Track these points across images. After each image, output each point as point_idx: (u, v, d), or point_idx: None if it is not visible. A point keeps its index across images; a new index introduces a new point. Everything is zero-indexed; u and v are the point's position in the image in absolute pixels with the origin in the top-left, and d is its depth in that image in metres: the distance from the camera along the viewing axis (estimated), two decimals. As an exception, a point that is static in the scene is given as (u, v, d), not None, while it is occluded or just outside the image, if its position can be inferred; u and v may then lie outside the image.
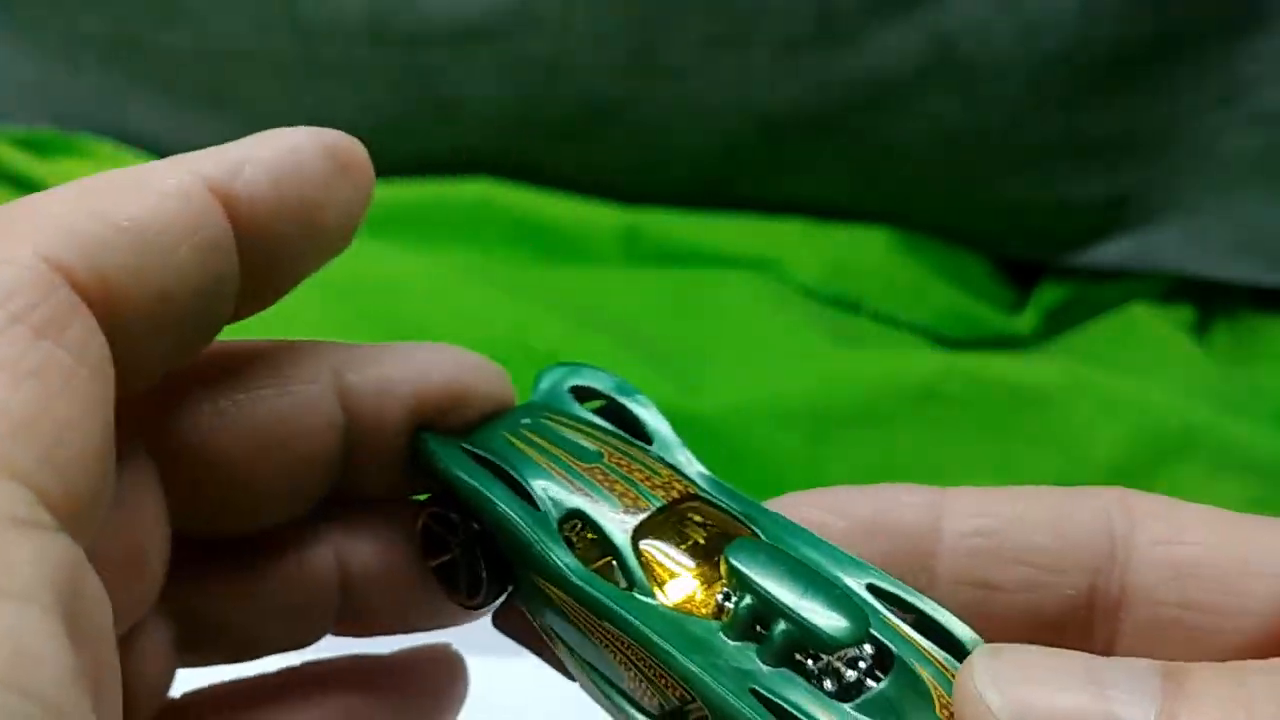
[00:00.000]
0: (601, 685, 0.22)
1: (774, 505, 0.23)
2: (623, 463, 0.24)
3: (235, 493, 0.23)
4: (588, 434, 0.25)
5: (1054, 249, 0.73)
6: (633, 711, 0.22)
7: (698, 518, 0.23)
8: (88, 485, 0.18)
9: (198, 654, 0.25)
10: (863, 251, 0.70)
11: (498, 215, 0.70)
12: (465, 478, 0.23)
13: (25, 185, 0.69)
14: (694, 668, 0.20)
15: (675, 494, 0.23)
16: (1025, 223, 0.72)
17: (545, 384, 0.26)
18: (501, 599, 0.24)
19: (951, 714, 0.20)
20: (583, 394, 0.26)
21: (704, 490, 0.24)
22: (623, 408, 0.26)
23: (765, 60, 0.68)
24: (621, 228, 0.70)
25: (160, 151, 0.73)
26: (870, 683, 0.20)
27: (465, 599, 0.24)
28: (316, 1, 0.69)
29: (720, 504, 0.24)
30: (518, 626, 0.24)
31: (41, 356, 0.17)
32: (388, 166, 0.79)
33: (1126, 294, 0.71)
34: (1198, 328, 0.70)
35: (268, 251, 0.21)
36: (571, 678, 0.24)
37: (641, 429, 0.25)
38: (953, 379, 0.61)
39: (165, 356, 0.21)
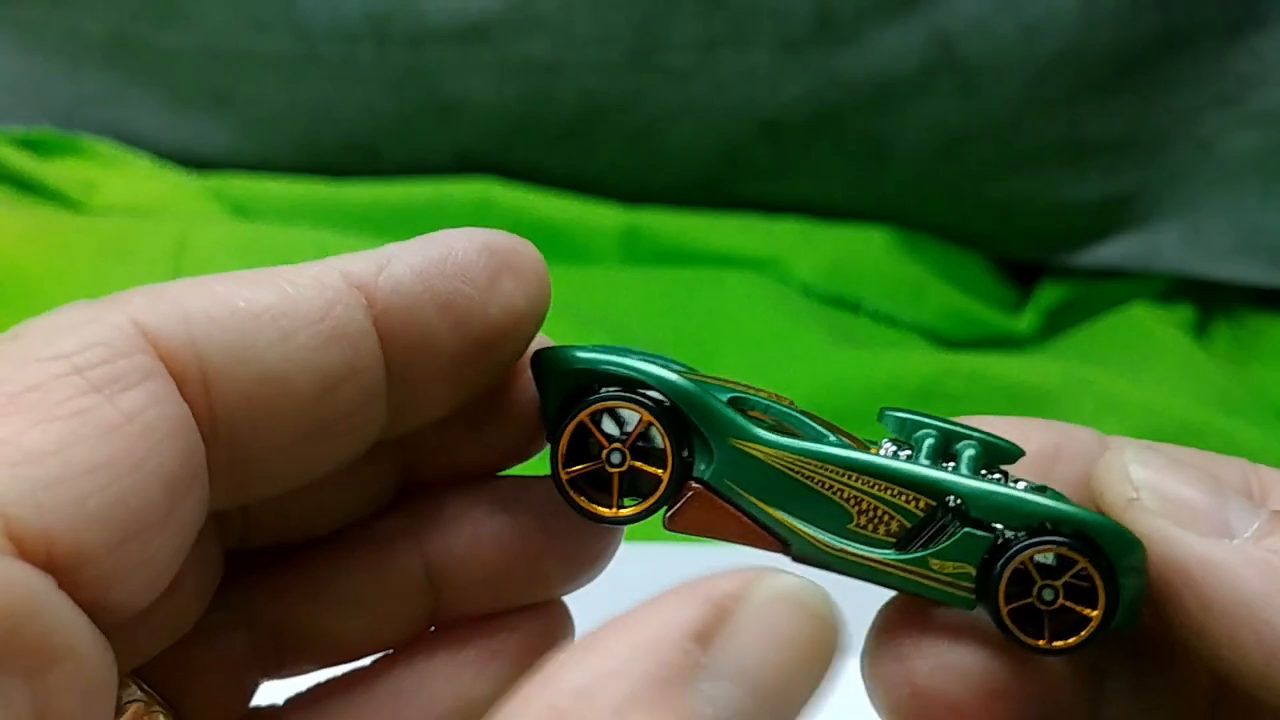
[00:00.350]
0: (822, 536, 0.23)
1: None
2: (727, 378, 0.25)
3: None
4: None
5: (1054, 249, 0.73)
6: (863, 549, 0.23)
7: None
8: (81, 528, 0.17)
9: (286, 663, 0.24)
10: (862, 251, 0.70)
11: (498, 215, 0.70)
12: (638, 363, 0.23)
13: (25, 185, 0.69)
14: (942, 475, 0.23)
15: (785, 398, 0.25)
16: (1025, 223, 0.72)
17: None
18: (665, 496, 0.23)
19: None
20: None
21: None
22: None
23: (765, 60, 0.68)
24: (621, 228, 0.70)
25: (160, 152, 0.73)
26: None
27: (623, 503, 0.23)
28: (316, 1, 0.69)
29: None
30: (696, 521, 0.24)
31: (82, 406, 0.18)
32: (388, 166, 0.79)
33: (1126, 294, 0.71)
34: (1198, 328, 0.70)
35: (417, 349, 0.21)
36: (780, 549, 0.23)
37: None
38: (952, 378, 0.61)
39: (304, 451, 0.21)
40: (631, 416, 0.23)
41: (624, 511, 0.23)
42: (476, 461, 0.24)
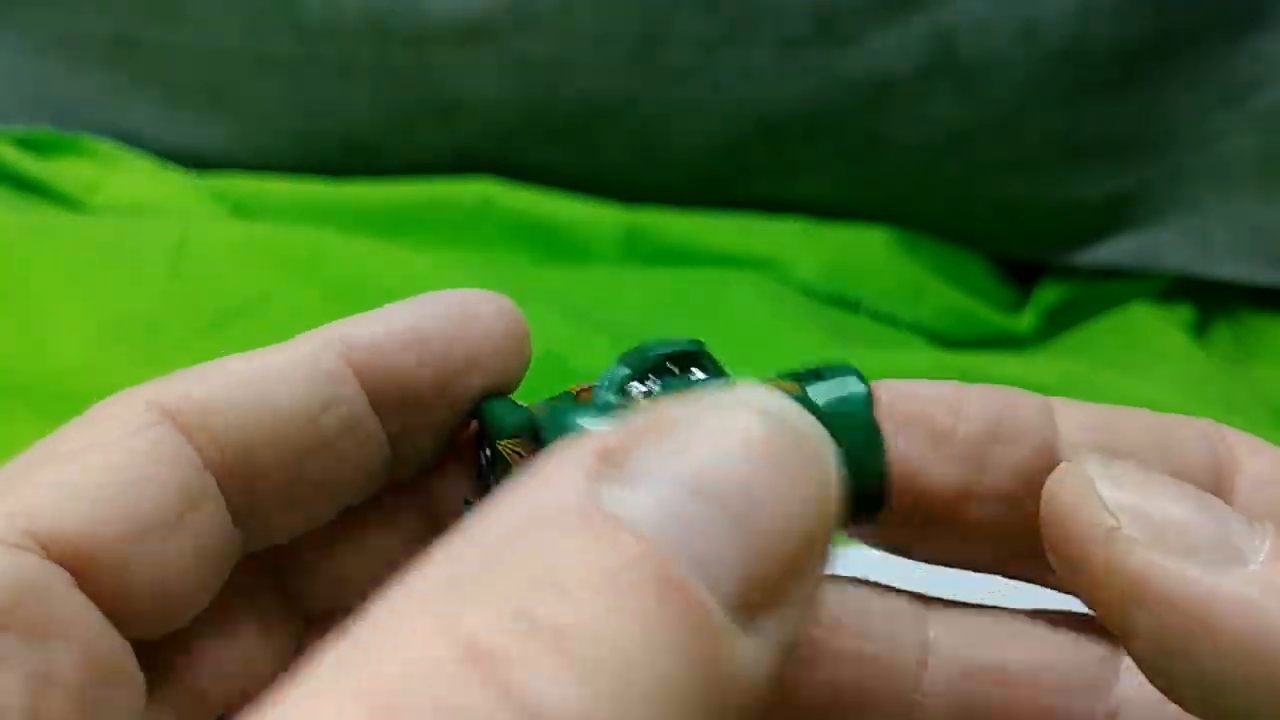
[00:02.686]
0: None
1: (892, 387, 0.23)
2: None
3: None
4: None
5: (1054, 249, 0.73)
6: None
7: None
8: (97, 524, 0.20)
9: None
10: (862, 251, 0.70)
11: (498, 215, 0.70)
12: (503, 414, 0.24)
13: (25, 185, 0.69)
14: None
15: None
16: (1025, 223, 0.72)
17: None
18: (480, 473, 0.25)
19: None
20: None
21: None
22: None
23: (765, 60, 0.68)
24: (621, 228, 0.70)
25: (160, 151, 0.73)
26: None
27: None
28: (316, 1, 0.69)
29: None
30: None
31: (109, 439, 0.21)
32: (388, 166, 0.79)
33: (1126, 294, 0.71)
34: (1198, 328, 0.70)
35: (391, 386, 0.23)
36: None
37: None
38: (951, 378, 0.61)
39: (313, 483, 0.23)
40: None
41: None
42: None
